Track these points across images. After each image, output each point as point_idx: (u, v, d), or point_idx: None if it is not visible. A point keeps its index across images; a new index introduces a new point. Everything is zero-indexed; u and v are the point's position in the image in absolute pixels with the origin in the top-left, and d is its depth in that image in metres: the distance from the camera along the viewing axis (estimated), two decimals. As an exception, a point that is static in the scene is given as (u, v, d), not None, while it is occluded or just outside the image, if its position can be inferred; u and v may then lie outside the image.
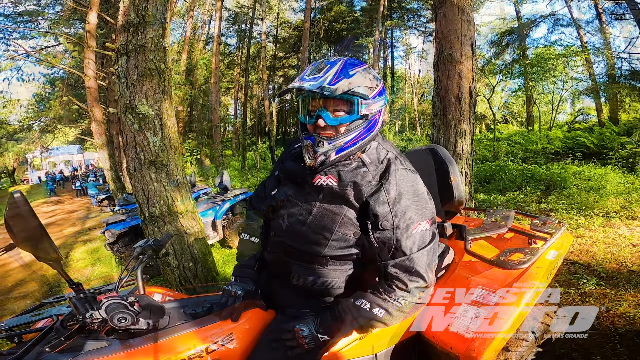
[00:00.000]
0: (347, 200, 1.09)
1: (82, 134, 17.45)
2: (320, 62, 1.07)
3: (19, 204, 0.79)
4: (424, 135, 17.96)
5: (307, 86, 1.01)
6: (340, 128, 1.07)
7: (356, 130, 1.08)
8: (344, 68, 1.04)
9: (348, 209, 1.10)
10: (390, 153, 1.14)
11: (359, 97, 1.04)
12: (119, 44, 2.72)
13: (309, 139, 1.08)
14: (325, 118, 1.05)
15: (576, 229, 3.77)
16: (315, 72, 1.04)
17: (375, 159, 1.12)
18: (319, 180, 1.11)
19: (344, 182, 1.08)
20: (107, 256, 5.72)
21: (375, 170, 1.10)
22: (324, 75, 1.02)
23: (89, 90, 8.89)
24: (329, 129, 1.07)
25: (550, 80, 13.04)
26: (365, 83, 1.05)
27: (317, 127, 1.07)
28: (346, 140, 1.07)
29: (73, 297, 0.97)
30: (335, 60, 1.07)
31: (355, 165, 1.11)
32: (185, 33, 18.12)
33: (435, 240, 1.11)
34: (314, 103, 1.08)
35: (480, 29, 19.03)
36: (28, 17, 12.53)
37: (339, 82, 1.01)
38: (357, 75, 1.04)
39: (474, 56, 3.15)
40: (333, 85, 1.00)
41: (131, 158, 2.77)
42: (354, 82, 1.03)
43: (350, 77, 1.03)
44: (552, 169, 6.33)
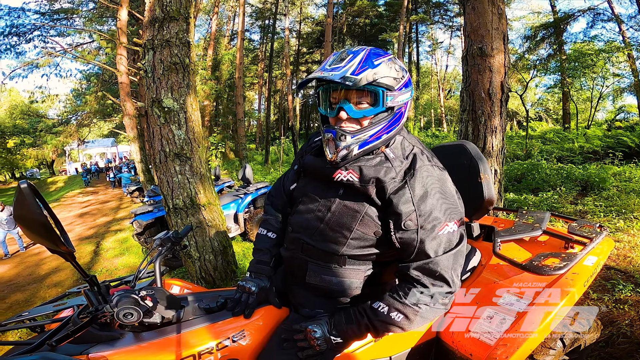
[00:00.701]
0: (368, 197, 1.03)
1: (115, 128, 18.28)
2: (342, 51, 1.00)
3: (27, 195, 0.76)
4: (451, 132, 17.46)
5: (328, 76, 0.94)
6: (363, 121, 1.01)
7: (381, 123, 1.01)
8: (368, 58, 0.97)
9: (369, 207, 1.03)
10: (416, 148, 1.07)
11: (384, 88, 0.97)
12: (146, 39, 2.78)
13: (331, 132, 1.02)
14: (348, 110, 0.99)
15: (614, 232, 3.55)
16: (338, 62, 0.97)
17: (400, 154, 1.06)
18: (339, 175, 1.05)
19: (365, 178, 1.02)
20: (136, 246, 5.96)
21: (400, 165, 1.03)
22: (346, 65, 0.95)
23: (122, 85, 9.25)
24: (351, 121, 1.01)
25: (590, 76, 12.32)
26: (390, 74, 0.98)
27: (338, 119, 1.01)
28: (370, 134, 1.01)
29: (87, 290, 0.97)
30: (359, 49, 0.99)
31: (378, 160, 1.04)
32: (210, 29, 18.50)
33: (463, 243, 1.03)
34: (336, 94, 1.01)
35: (511, 23, 18.25)
36: (63, 14, 13.17)
37: (363, 72, 0.94)
38: (383, 65, 0.97)
39: (506, 50, 2.98)
40: (357, 76, 0.93)
41: (157, 150, 2.84)
42: (379, 72, 0.96)
43: (375, 67, 0.95)
44: (590, 169, 5.96)
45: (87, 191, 17.94)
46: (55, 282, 5.04)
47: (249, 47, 24.94)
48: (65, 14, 13.25)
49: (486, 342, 1.13)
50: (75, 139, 18.27)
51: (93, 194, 16.61)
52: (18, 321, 1.24)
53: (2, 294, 4.78)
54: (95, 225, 9.02)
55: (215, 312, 1.11)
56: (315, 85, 1.05)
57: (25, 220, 0.79)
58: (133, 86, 11.01)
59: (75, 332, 0.93)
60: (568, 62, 12.18)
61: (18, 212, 0.78)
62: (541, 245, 1.51)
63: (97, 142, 34.11)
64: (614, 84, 12.94)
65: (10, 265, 6.28)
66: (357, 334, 1.03)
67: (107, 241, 7.00)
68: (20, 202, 0.76)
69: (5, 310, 4.17)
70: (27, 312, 1.29)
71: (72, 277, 5.09)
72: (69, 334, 0.91)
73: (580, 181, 5.54)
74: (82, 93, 16.55)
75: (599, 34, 12.93)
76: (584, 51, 11.53)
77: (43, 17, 13.33)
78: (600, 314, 2.19)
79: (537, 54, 13.98)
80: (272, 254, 1.26)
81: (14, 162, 27.82)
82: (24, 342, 1.03)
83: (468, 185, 1.35)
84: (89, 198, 15.36)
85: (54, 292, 4.60)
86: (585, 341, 1.35)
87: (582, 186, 5.42)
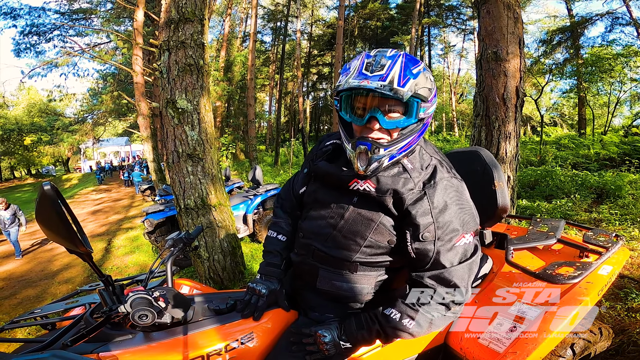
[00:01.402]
0: (384, 207, 1.01)
1: (129, 127, 18.63)
2: (377, 54, 0.95)
3: (50, 196, 0.77)
4: (462, 136, 17.26)
5: (377, 87, 0.88)
6: (393, 132, 0.98)
7: (411, 135, 0.98)
8: (407, 66, 0.92)
9: (384, 216, 1.02)
10: (434, 159, 1.05)
11: (420, 99, 0.94)
12: (162, 40, 2.82)
13: (365, 145, 0.96)
14: (381, 120, 0.94)
15: (629, 241, 3.47)
16: (378, 69, 0.91)
17: (419, 165, 1.03)
18: (356, 184, 1.03)
19: (383, 189, 1.00)
20: (146, 244, 6.03)
21: (419, 177, 1.00)
22: (388, 72, 0.90)
23: (137, 85, 9.42)
24: (382, 132, 0.97)
25: (607, 81, 12.04)
26: (427, 84, 0.95)
27: (368, 129, 0.96)
28: (400, 147, 0.98)
29: (101, 290, 0.99)
30: (395, 54, 0.95)
31: (396, 170, 1.02)
32: (223, 30, 18.72)
33: (478, 254, 1.03)
34: (365, 100, 0.95)
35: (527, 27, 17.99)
36: (82, 14, 13.50)
37: (408, 83, 0.90)
38: (421, 75, 0.93)
39: (521, 54, 2.94)
40: (403, 87, 0.89)
41: (170, 151, 2.88)
42: (419, 83, 0.92)
43: (416, 78, 0.92)
44: (606, 177, 5.81)
45: (100, 189, 18.31)
46: (66, 278, 5.12)
47: (260, 48, 25.14)
48: (83, 14, 13.59)
49: (495, 349, 1.12)
50: (90, 137, 18.73)
51: (106, 192, 16.94)
52: (29, 318, 1.26)
53: (13, 290, 4.87)
54: (107, 223, 9.18)
55: (224, 314, 1.11)
56: (337, 90, 0.99)
57: (46, 221, 0.80)
58: (148, 86, 11.22)
59: (90, 332, 0.94)
60: (585, 66, 11.95)
61: (40, 213, 0.79)
62: (555, 253, 1.49)
63: (112, 140, 34.83)
64: (631, 89, 12.62)
65: (22, 261, 6.41)
66: (367, 339, 1.02)
67: (118, 239, 7.11)
68: (42, 203, 0.77)
69: (16, 306, 4.25)
70: (39, 309, 1.31)
71: (83, 273, 5.17)
72: (84, 334, 0.92)
73: (596, 189, 5.42)
74: (99, 92, 16.95)
75: (617, 38, 12.68)
76: (602, 55, 11.28)
77: (62, 16, 13.71)
78: (612, 322, 2.16)
79: (552, 58, 13.76)
80: (282, 257, 1.26)
81: (31, 159, 28.59)
82: (36, 340, 1.05)
83: (481, 192, 1.33)
84: (102, 196, 15.67)
85: (65, 289, 4.68)
86: (596, 349, 1.33)
87: (598, 194, 5.30)
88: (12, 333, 2.83)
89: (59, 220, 0.79)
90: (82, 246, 0.84)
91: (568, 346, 1.24)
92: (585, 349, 1.28)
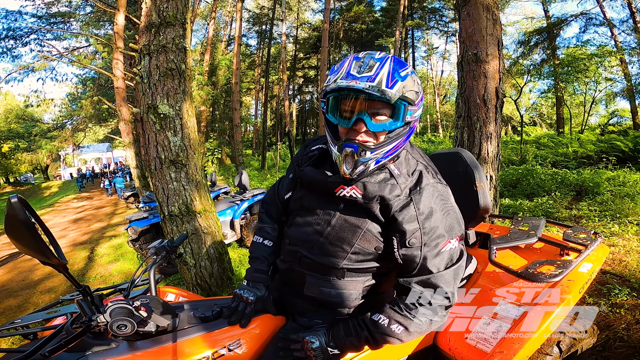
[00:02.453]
0: (371, 214, 1.01)
1: (111, 133, 18.20)
2: (365, 56, 0.94)
3: (17, 209, 0.76)
4: (447, 137, 17.56)
5: (365, 87, 0.87)
6: (380, 135, 0.97)
7: (398, 138, 0.98)
8: (395, 68, 0.92)
9: (371, 222, 1.02)
10: (420, 164, 1.06)
11: (407, 102, 0.94)
12: (142, 44, 2.77)
13: (351, 147, 0.94)
14: (368, 123, 0.93)
15: (609, 237, 3.58)
16: (367, 70, 0.90)
17: (405, 171, 1.03)
18: (342, 191, 1.02)
19: (369, 196, 0.99)
20: (130, 252, 5.89)
21: (405, 182, 1.01)
22: (376, 74, 0.89)
23: (118, 90, 9.21)
24: (369, 135, 0.96)
25: (582, 81, 12.47)
26: (414, 88, 0.95)
27: (354, 131, 0.96)
28: (386, 150, 0.97)
29: (80, 300, 0.96)
30: (383, 56, 0.94)
31: (382, 177, 1.02)
32: (207, 34, 18.53)
33: (463, 259, 1.05)
34: (352, 103, 0.93)
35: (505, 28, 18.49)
36: (60, 18, 13.15)
37: (396, 85, 0.90)
38: (409, 78, 0.94)
39: (500, 56, 3.01)
40: (392, 89, 0.89)
41: (152, 157, 2.82)
42: (407, 85, 0.92)
43: (404, 80, 0.92)
44: (584, 174, 6.01)
45: (81, 196, 17.78)
46: (48, 287, 4.96)
47: (245, 52, 25.01)
48: (62, 17, 13.22)
49: (483, 349, 1.14)
50: (70, 143, 18.16)
51: (87, 200, 16.46)
52: (10, 328, 1.22)
53: (-6, 300, 4.70)
54: (89, 231, 8.92)
55: (211, 321, 1.10)
56: (325, 91, 0.98)
57: (16, 234, 0.78)
58: (129, 91, 10.97)
59: (69, 342, 0.92)
60: (561, 66, 12.32)
61: (9, 226, 0.77)
62: (536, 252, 1.52)
63: (92, 147, 33.90)
64: (606, 88, 13.11)
65: (3, 271, 6.18)
66: (355, 345, 1.02)
67: (101, 247, 6.92)
68: (10, 216, 0.76)
69: (-3, 316, 4.09)
70: (20, 319, 1.28)
71: (66, 282, 5.00)
72: (62, 344, 0.90)
73: (575, 186, 5.59)
74: (78, 97, 16.51)
75: (591, 39, 13.18)
76: (577, 56, 11.67)
77: (40, 20, 13.29)
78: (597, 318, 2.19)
79: (530, 59, 14.17)
80: (269, 262, 1.25)
81: (8, 166, 27.58)
82: (16, 350, 1.02)
83: (464, 194, 1.35)
84: (84, 203, 15.22)
85: (47, 298, 4.53)
86: (582, 346, 1.36)
87: (577, 191, 5.47)
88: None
89: (29, 233, 0.77)
90: (55, 258, 0.82)
91: (554, 344, 1.27)
92: (571, 346, 1.30)
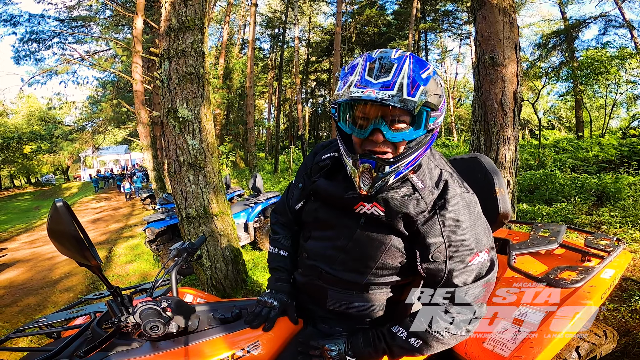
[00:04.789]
0: (394, 230, 0.96)
1: (129, 135, 18.67)
2: (381, 57, 0.83)
3: (62, 213, 0.80)
4: (461, 141, 17.31)
5: (384, 98, 0.77)
6: (400, 146, 0.87)
7: (419, 148, 0.88)
8: (415, 70, 0.81)
9: (395, 238, 0.96)
10: (445, 171, 0.97)
11: (430, 108, 0.84)
12: (162, 48, 2.84)
13: (369, 162, 0.86)
14: (386, 133, 0.83)
15: (630, 243, 3.48)
16: (384, 74, 0.80)
17: (430, 183, 0.94)
18: (362, 208, 0.96)
19: (393, 213, 0.92)
20: (147, 253, 6.02)
21: (431, 197, 0.92)
22: (395, 79, 0.79)
23: (136, 93, 9.45)
24: (387, 145, 0.86)
25: (603, 83, 12.14)
26: (437, 91, 0.84)
27: (370, 142, 0.86)
28: (407, 162, 0.88)
29: (110, 300, 0.99)
30: (400, 56, 0.83)
31: (404, 191, 0.93)
32: (222, 38, 18.86)
33: (494, 271, 0.96)
34: (370, 110, 0.83)
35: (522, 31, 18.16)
36: (82, 22, 13.57)
37: (418, 91, 0.79)
38: (431, 81, 0.82)
39: (518, 59, 2.97)
40: (414, 97, 0.79)
41: (171, 160, 2.89)
42: (430, 90, 0.82)
43: (426, 85, 0.81)
44: (605, 179, 5.83)
45: (100, 197, 18.26)
46: (67, 286, 5.10)
47: (259, 55, 25.32)
48: (83, 21, 13.66)
49: (500, 353, 1.12)
50: (90, 145, 18.73)
51: (106, 200, 16.89)
52: (35, 327, 1.26)
53: (14, 298, 4.85)
54: (107, 231, 9.16)
55: (230, 323, 1.12)
56: (337, 100, 0.88)
57: (58, 236, 0.82)
58: (147, 94, 11.25)
59: (102, 342, 0.95)
60: (580, 69, 12.05)
61: (53, 228, 0.82)
62: (557, 258, 1.50)
63: (111, 149, 34.82)
64: (627, 90, 12.73)
65: (23, 269, 6.39)
66: (373, 356, 0.99)
67: (119, 247, 7.09)
68: (55, 218, 0.80)
69: (17, 314, 4.22)
70: (44, 317, 1.31)
71: (84, 282, 5.15)
72: (96, 345, 0.93)
73: (595, 191, 5.44)
74: (98, 100, 16.99)
75: (611, 41, 12.82)
76: (596, 58, 11.38)
77: (62, 24, 13.76)
78: (616, 324, 2.17)
79: (548, 61, 13.89)
80: (289, 272, 1.24)
81: (30, 167, 28.57)
82: (42, 349, 1.05)
83: (483, 199, 1.33)
84: (102, 204, 15.63)
85: (66, 297, 4.66)
86: (601, 352, 1.33)
87: (597, 196, 5.32)
88: (15, 342, 2.82)
89: (71, 236, 0.81)
90: (93, 259, 0.86)
91: (573, 349, 1.24)
92: (590, 351, 1.28)
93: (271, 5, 24.46)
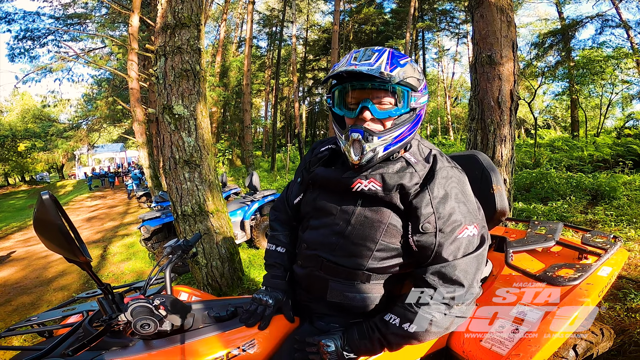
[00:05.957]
0: (392, 205, 0.99)
1: (124, 133, 18.54)
2: (365, 49, 0.98)
3: (48, 206, 0.76)
4: (457, 140, 17.38)
5: (364, 69, 0.91)
6: (386, 122, 0.98)
7: (404, 125, 0.98)
8: (394, 56, 0.96)
9: (393, 215, 0.99)
10: (434, 150, 1.06)
11: (409, 88, 0.97)
12: (158, 45, 2.82)
13: (358, 132, 0.95)
14: (373, 110, 0.96)
15: (625, 242, 3.51)
16: (366, 58, 0.94)
17: (421, 158, 1.03)
18: (359, 185, 1.00)
19: (389, 186, 0.97)
20: (142, 251, 5.97)
21: (423, 169, 1.00)
22: (376, 61, 0.93)
23: (132, 91, 9.36)
24: (375, 122, 0.98)
25: (598, 83, 12.21)
26: (415, 74, 0.97)
27: (361, 120, 0.97)
28: (394, 136, 0.97)
29: (101, 298, 0.97)
30: (381, 48, 0.98)
31: (399, 166, 1.01)
32: (219, 36, 18.76)
33: (485, 247, 0.99)
34: (357, 94, 0.98)
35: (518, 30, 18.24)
36: (77, 19, 13.45)
37: (395, 69, 0.93)
38: (408, 65, 0.97)
39: (515, 58, 2.97)
40: (391, 72, 0.92)
41: (167, 157, 2.86)
42: (407, 71, 0.95)
43: (403, 67, 0.95)
44: (600, 178, 5.87)
45: (95, 195, 18.13)
46: (62, 285, 5.05)
47: (256, 53, 25.23)
48: (78, 18, 13.53)
49: (498, 352, 1.11)
50: (85, 143, 18.55)
51: (101, 199, 16.77)
52: (27, 325, 1.24)
53: (8, 297, 4.79)
54: (102, 230, 9.08)
55: (225, 321, 1.10)
56: (330, 85, 1.03)
57: (45, 230, 0.79)
58: (143, 92, 11.16)
59: (91, 341, 0.93)
60: (576, 69, 12.10)
61: (38, 222, 0.78)
62: (554, 256, 1.50)
63: (107, 147, 34.55)
64: (622, 90, 12.82)
65: (17, 268, 6.32)
66: (370, 349, 0.99)
67: (114, 245, 7.03)
68: (41, 212, 0.76)
69: (11, 313, 4.17)
70: (36, 316, 1.30)
71: (79, 280, 5.10)
72: (85, 343, 0.91)
73: (590, 190, 5.48)
74: (93, 98, 16.85)
75: (607, 41, 12.88)
76: (592, 58, 11.43)
77: (57, 21, 13.60)
78: (613, 322, 2.19)
79: (545, 60, 13.94)
80: (285, 269, 1.23)
81: (25, 165, 28.28)
82: (34, 348, 1.04)
83: (480, 196, 1.34)
84: (97, 202, 15.51)
85: (60, 296, 4.61)
86: (598, 350, 1.34)
87: (592, 195, 5.35)
88: (9, 340, 2.79)
89: (58, 230, 0.77)
90: (82, 255, 0.83)
91: (570, 347, 1.24)
92: (587, 350, 1.28)
93: (269, 3, 24.42)
